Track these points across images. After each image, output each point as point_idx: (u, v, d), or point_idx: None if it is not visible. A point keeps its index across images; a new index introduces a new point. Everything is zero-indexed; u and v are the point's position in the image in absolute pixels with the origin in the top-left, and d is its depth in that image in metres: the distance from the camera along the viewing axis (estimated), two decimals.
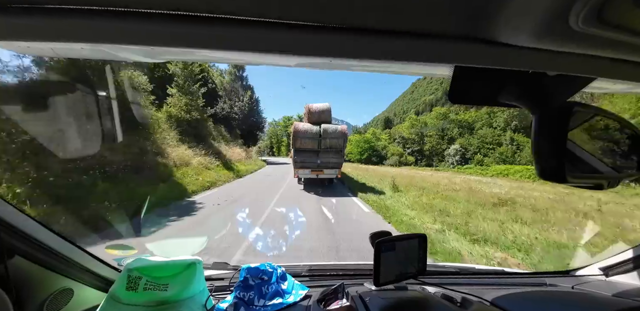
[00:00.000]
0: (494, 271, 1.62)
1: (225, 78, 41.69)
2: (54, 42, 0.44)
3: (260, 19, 0.38)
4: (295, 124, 12.57)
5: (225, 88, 37.05)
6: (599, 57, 0.44)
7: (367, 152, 58.62)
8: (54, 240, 0.90)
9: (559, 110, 0.48)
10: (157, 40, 0.42)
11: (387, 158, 56.27)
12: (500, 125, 48.64)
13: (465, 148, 49.14)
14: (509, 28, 0.38)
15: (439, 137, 55.49)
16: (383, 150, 59.33)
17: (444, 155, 51.51)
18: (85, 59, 0.68)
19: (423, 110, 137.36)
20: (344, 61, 0.68)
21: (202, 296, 1.06)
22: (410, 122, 61.65)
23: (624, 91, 0.80)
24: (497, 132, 47.88)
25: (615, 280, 1.33)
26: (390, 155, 56.08)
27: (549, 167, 0.47)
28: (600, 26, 0.33)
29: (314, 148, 12.45)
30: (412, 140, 58.08)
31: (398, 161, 53.06)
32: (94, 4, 0.37)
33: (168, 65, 19.91)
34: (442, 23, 0.39)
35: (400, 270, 1.09)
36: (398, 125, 78.72)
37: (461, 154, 48.88)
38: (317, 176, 12.93)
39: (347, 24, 0.40)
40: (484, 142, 47.40)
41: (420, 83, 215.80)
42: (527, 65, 0.47)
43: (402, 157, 54.88)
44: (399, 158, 54.21)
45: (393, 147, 58.52)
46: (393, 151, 56.97)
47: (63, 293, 0.91)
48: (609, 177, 0.52)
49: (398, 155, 55.57)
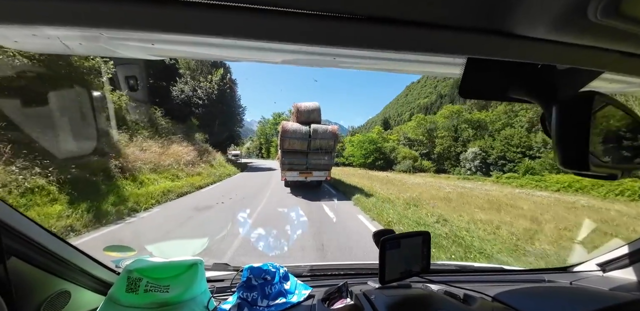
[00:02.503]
0: (493, 268, 1.64)
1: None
2: (51, 26, 0.42)
3: (258, 6, 0.38)
4: (283, 124, 12.07)
5: (189, 67, 28.77)
6: (609, 50, 0.45)
7: (372, 154, 48.63)
8: (50, 241, 0.86)
9: (582, 99, 0.48)
10: (152, 25, 0.41)
11: (396, 162, 46.80)
12: (524, 126, 40.88)
13: (486, 152, 40.58)
14: (527, 20, 0.38)
15: (452, 138, 47.21)
16: (392, 152, 49.39)
17: (459, 160, 43.59)
18: (84, 55, 0.64)
19: (418, 113, 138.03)
20: (343, 58, 0.67)
21: (204, 297, 1.03)
22: (418, 120, 53.60)
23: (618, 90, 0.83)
24: (523, 132, 39.47)
25: (612, 275, 1.36)
26: (402, 158, 46.73)
27: (571, 156, 0.48)
28: (618, 18, 0.33)
29: (302, 149, 12.04)
30: (419, 141, 50.42)
31: (412, 166, 44.18)
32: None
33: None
34: (460, 15, 0.39)
35: (405, 268, 1.09)
36: (401, 126, 72.90)
37: (481, 159, 40.45)
38: (306, 178, 12.48)
39: (358, 14, 0.40)
40: (509, 145, 38.60)
41: (415, 86, 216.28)
42: (540, 58, 0.48)
43: (417, 162, 45.75)
44: (412, 163, 44.85)
45: (405, 150, 49.40)
46: (405, 154, 47.58)
47: (60, 295, 0.87)
48: (625, 168, 0.53)
49: (411, 158, 46.24)
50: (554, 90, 0.54)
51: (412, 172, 41.86)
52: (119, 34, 0.59)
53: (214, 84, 29.12)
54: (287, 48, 0.62)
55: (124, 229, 6.17)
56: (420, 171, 43.15)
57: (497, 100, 0.62)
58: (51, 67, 9.38)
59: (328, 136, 12.12)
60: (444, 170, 45.17)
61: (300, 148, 12.06)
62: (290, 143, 11.85)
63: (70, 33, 0.57)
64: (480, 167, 40.23)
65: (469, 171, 40.56)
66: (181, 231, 5.93)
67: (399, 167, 44.87)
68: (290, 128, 11.87)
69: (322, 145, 12.16)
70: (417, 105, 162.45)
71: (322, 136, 12.00)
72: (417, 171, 42.68)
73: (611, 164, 0.52)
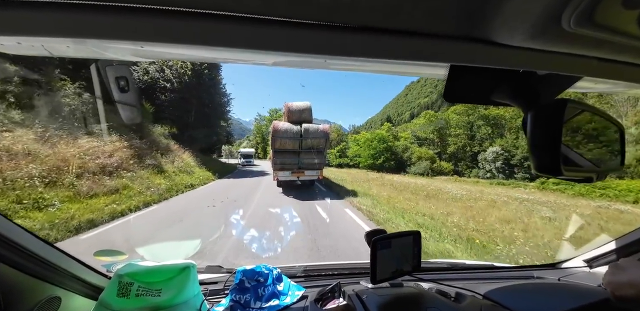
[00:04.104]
0: (484, 266, 1.66)
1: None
2: (42, 37, 0.43)
3: (248, 15, 0.38)
4: (274, 123, 12.01)
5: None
6: (587, 56, 0.46)
7: (383, 155, 41.68)
8: (38, 246, 0.85)
9: (554, 106, 0.50)
10: (142, 35, 0.41)
11: (410, 164, 40.44)
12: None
13: (509, 152, 35.23)
14: (504, 29, 0.39)
15: (467, 136, 41.93)
16: (404, 152, 42.61)
17: (477, 160, 37.97)
18: (72, 57, 0.64)
19: (418, 113, 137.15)
20: (333, 60, 0.68)
21: (196, 300, 1.03)
22: (427, 117, 48.16)
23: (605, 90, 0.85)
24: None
25: (598, 271, 1.39)
26: (416, 159, 40.12)
27: (545, 161, 0.50)
28: (591, 27, 0.35)
29: (294, 148, 12.03)
30: (429, 140, 45.29)
31: (430, 168, 37.86)
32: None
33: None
34: (440, 23, 0.41)
35: (396, 267, 1.10)
36: (406, 124, 68.71)
37: (504, 159, 35.12)
38: (298, 178, 12.44)
39: (341, 22, 0.41)
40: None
41: (414, 86, 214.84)
42: (519, 65, 0.49)
43: (435, 163, 39.22)
44: (430, 165, 38.44)
45: (420, 149, 42.66)
46: (420, 154, 40.85)
47: (50, 301, 0.86)
48: (598, 170, 0.55)
49: (428, 159, 39.55)
50: (535, 95, 0.55)
51: (431, 175, 35.49)
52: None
53: (188, 63, 22.69)
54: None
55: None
56: (439, 174, 36.64)
57: (481, 103, 0.64)
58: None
59: (319, 135, 12.14)
60: (458, 172, 39.65)
61: (292, 148, 12.05)
62: (282, 142, 11.83)
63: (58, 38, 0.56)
64: (502, 168, 34.79)
65: (489, 173, 35.06)
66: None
67: (413, 169, 38.34)
68: (282, 127, 11.85)
69: (313, 144, 12.16)
70: (417, 105, 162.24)
71: (313, 135, 12.01)
72: (435, 174, 36.37)
73: (584, 168, 0.54)
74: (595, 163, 0.55)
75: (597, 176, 0.54)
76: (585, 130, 0.57)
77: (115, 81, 0.74)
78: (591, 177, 0.54)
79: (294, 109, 12.55)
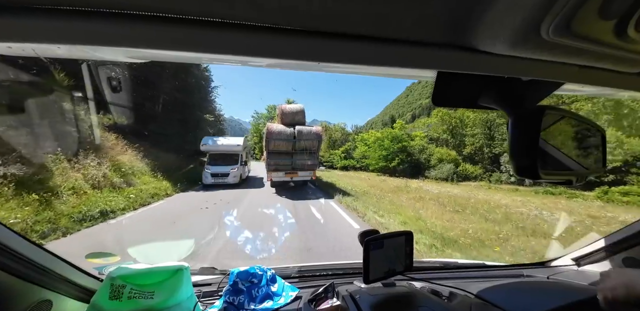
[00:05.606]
0: (475, 264, 1.69)
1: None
2: (34, 43, 0.42)
3: (241, 22, 0.39)
4: (268, 125, 12.37)
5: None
6: (567, 64, 0.48)
7: (397, 156, 34.49)
8: (29, 249, 0.84)
9: (531, 113, 0.52)
10: (135, 41, 0.41)
11: (429, 166, 33.47)
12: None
13: None
14: (488, 37, 0.41)
15: (485, 136, 35.60)
16: (421, 154, 35.37)
17: (498, 163, 32.09)
18: (63, 58, 0.65)
19: (420, 114, 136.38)
20: (326, 63, 0.69)
21: (189, 302, 1.03)
22: (440, 116, 40.43)
23: (592, 93, 0.88)
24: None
25: (586, 269, 1.43)
26: (437, 162, 33.27)
27: (523, 165, 0.52)
28: (569, 36, 0.36)
29: (288, 150, 12.30)
30: (443, 140, 39.19)
31: (453, 173, 30.94)
32: (71, 5, 0.36)
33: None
34: (428, 32, 0.42)
35: (389, 267, 1.12)
36: (413, 123, 66.03)
37: None
38: (292, 179, 12.70)
39: (332, 30, 0.42)
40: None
41: (415, 87, 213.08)
42: (503, 72, 0.51)
43: (459, 166, 32.27)
44: (454, 168, 31.50)
45: (441, 150, 35.51)
46: (441, 155, 33.85)
47: (41, 305, 0.85)
48: (578, 174, 0.57)
49: (451, 161, 32.75)
50: (520, 100, 0.57)
51: (456, 180, 29.45)
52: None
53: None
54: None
55: None
56: (464, 179, 30.55)
57: (468, 108, 0.66)
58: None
59: (312, 137, 12.45)
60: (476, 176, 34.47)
61: (286, 149, 12.31)
62: (276, 144, 12.08)
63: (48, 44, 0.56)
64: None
65: (513, 177, 29.09)
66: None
67: (434, 173, 31.62)
68: (275, 129, 12.14)
69: (306, 146, 12.46)
70: (418, 106, 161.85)
71: (306, 137, 12.32)
72: (460, 179, 30.33)
73: (563, 172, 0.56)
74: (574, 166, 0.57)
75: (576, 179, 0.56)
76: (566, 135, 0.59)
77: (107, 81, 0.73)
78: (571, 180, 0.56)
79: (287, 111, 12.92)
